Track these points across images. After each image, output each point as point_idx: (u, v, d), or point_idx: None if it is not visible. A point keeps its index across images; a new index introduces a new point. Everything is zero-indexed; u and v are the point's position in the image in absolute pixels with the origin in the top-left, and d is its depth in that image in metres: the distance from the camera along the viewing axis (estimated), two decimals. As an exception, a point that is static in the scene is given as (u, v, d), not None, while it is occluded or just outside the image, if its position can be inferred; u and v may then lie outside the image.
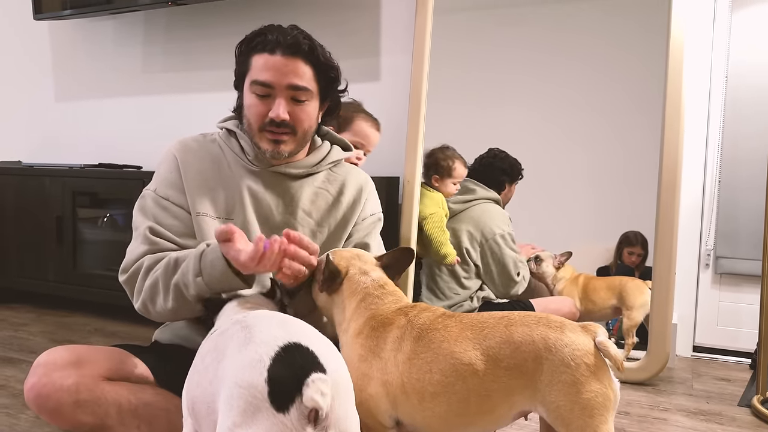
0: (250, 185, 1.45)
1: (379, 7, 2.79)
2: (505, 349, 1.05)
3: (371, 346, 1.14)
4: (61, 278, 3.02)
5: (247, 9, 3.03)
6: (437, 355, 1.08)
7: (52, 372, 1.21)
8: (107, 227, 2.99)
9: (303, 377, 0.83)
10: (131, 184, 2.80)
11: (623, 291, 2.41)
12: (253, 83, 1.41)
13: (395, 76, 2.73)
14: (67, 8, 3.26)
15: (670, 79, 2.21)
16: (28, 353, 2.36)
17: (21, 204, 3.12)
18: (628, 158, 2.47)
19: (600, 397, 1.03)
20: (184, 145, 1.49)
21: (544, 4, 2.59)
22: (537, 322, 1.07)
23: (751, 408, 1.97)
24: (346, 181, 1.53)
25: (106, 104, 3.49)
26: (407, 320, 1.15)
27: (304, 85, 1.40)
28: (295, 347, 0.87)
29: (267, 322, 0.95)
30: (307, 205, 1.48)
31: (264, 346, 0.87)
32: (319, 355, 0.88)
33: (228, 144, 1.49)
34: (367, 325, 1.16)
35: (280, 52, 1.39)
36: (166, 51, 3.30)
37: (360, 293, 1.21)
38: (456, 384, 1.06)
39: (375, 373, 1.12)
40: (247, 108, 1.44)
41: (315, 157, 1.52)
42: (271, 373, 0.83)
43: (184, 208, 1.42)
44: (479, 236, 2.39)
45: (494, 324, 1.09)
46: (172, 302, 1.31)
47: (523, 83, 2.62)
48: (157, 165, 1.50)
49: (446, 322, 1.13)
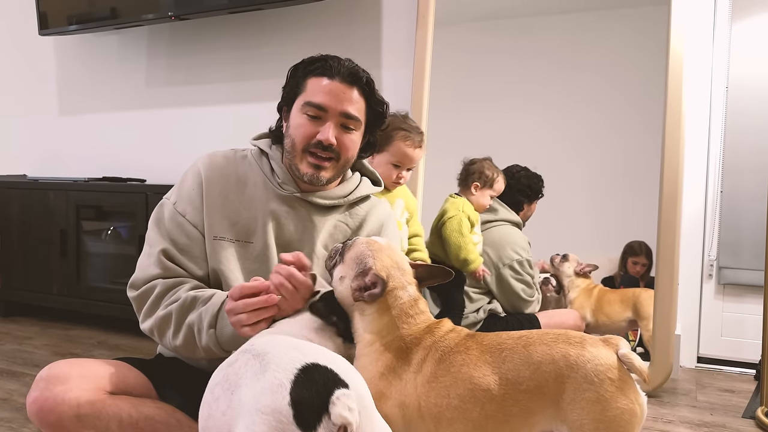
0: (275, 209, 1.43)
1: (380, 20, 2.81)
2: (525, 371, 1.02)
3: (395, 366, 1.10)
4: (65, 291, 3.03)
5: (249, 23, 3.05)
6: (456, 379, 1.05)
7: (53, 386, 1.21)
8: (111, 240, 3.00)
9: (327, 396, 0.83)
10: (135, 198, 2.82)
11: (637, 302, 2.39)
12: (306, 104, 1.40)
13: (397, 89, 2.75)
14: (72, 24, 3.29)
15: (671, 90, 2.21)
16: (31, 367, 2.36)
17: (26, 217, 3.14)
18: (629, 168, 2.48)
19: (626, 414, 0.99)
20: (212, 160, 1.46)
21: (544, 16, 2.61)
22: (556, 340, 1.04)
23: (755, 419, 1.96)
24: (368, 216, 1.52)
25: (110, 118, 3.51)
26: (433, 341, 1.11)
27: (356, 115, 1.41)
28: (313, 367, 0.87)
29: (279, 347, 0.93)
30: (325, 237, 1.46)
31: (282, 371, 0.86)
32: (338, 372, 0.87)
33: (259, 164, 1.47)
34: (394, 345, 1.12)
35: (339, 78, 1.40)
36: (169, 65, 3.32)
37: (395, 309, 1.15)
38: (473, 410, 1.03)
39: (393, 393, 1.09)
40: (296, 128, 1.41)
41: (344, 189, 1.50)
42: (293, 395, 0.83)
43: (198, 229, 1.40)
44: (496, 259, 2.35)
45: (513, 345, 1.06)
46: (182, 340, 1.31)
47: (525, 94, 2.63)
48: (183, 175, 1.47)
49: (468, 344, 1.10)
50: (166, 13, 2.98)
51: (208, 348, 1.29)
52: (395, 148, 1.95)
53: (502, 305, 2.37)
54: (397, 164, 1.96)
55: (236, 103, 3.10)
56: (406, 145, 1.95)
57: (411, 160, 1.97)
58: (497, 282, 2.34)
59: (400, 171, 1.97)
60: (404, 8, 2.75)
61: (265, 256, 1.41)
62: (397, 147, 1.95)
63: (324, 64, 1.41)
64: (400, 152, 1.95)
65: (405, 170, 1.98)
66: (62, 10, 3.32)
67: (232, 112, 3.12)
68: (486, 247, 2.34)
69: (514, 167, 2.48)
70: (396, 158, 1.95)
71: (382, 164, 1.95)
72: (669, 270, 2.18)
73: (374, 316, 1.16)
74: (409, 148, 1.95)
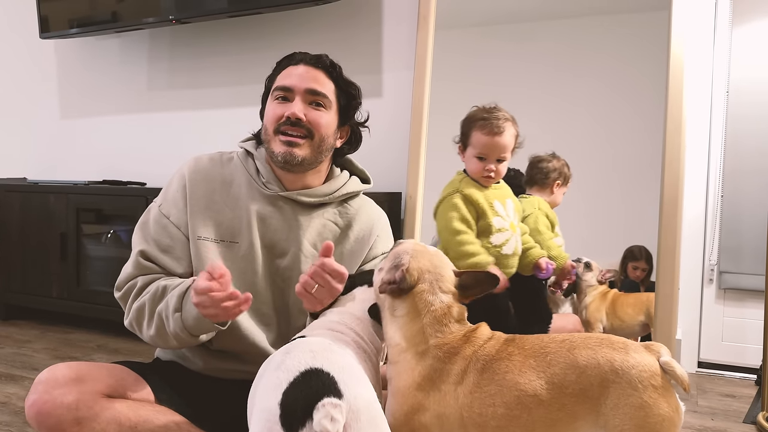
0: (260, 209, 1.44)
1: (381, 24, 2.81)
2: (571, 375, 1.02)
3: (432, 376, 1.08)
4: (64, 295, 3.03)
5: (250, 27, 3.06)
6: (501, 387, 1.04)
7: (52, 389, 1.21)
8: (111, 244, 3.00)
9: (314, 401, 0.84)
10: (135, 201, 2.82)
11: (650, 306, 2.38)
12: (274, 90, 1.44)
13: (397, 92, 2.75)
14: (73, 27, 3.30)
15: (671, 95, 2.21)
16: (30, 370, 2.36)
17: (26, 221, 3.14)
18: (630, 173, 2.47)
19: (666, 422, 0.99)
20: (197, 163, 1.49)
21: (545, 21, 2.61)
22: (600, 344, 1.04)
23: (756, 425, 1.95)
24: (357, 215, 1.51)
25: (111, 121, 3.52)
26: (473, 351, 1.09)
27: (323, 92, 1.43)
28: (314, 372, 0.88)
29: (302, 348, 0.95)
30: (313, 236, 1.46)
31: (286, 372, 0.89)
32: (339, 381, 0.87)
33: (245, 164, 1.49)
34: (431, 354, 1.10)
35: (303, 63, 1.44)
36: (170, 69, 3.33)
37: (426, 315, 1.13)
38: (521, 417, 1.02)
39: (431, 404, 1.07)
40: (266, 115, 1.46)
41: (330, 186, 1.49)
42: (284, 397, 0.85)
43: (182, 230, 1.43)
44: None
45: (557, 349, 1.05)
46: (154, 330, 1.33)
47: (525, 98, 2.63)
48: (169, 179, 1.50)
49: (509, 350, 1.08)
50: (167, 16, 2.99)
51: (176, 334, 1.30)
52: (474, 138, 1.88)
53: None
54: (481, 156, 1.88)
55: (237, 106, 3.10)
56: (483, 133, 1.86)
57: (493, 150, 1.87)
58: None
59: (487, 163, 1.88)
60: (405, 11, 2.75)
61: (251, 256, 1.42)
62: (476, 137, 1.87)
63: (291, 57, 1.48)
64: (479, 142, 1.86)
65: (493, 163, 1.88)
66: (63, 14, 3.32)
67: (233, 116, 3.12)
68: None
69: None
70: (477, 150, 1.88)
71: (469, 159, 1.90)
72: (670, 274, 2.18)
73: (405, 320, 1.14)
74: (486, 137, 1.86)
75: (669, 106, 2.21)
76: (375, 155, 2.60)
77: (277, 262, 1.45)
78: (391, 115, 2.73)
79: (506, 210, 1.94)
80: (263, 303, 1.45)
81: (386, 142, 2.70)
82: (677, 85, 2.21)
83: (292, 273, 1.44)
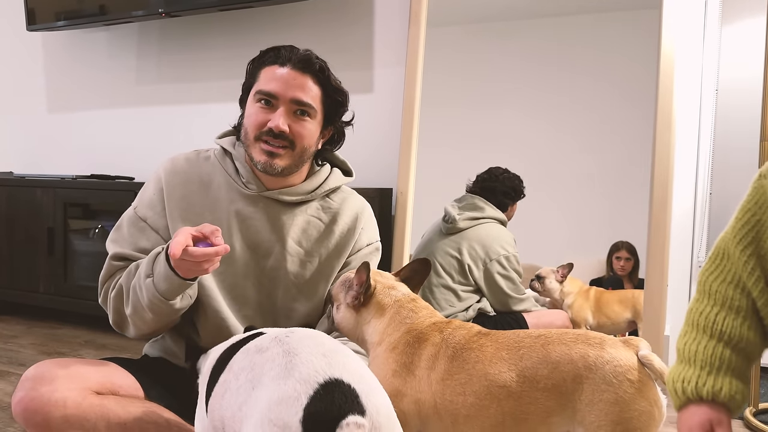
0: (240, 210, 1.42)
1: (372, 19, 2.80)
2: (543, 369, 1.02)
3: (406, 362, 1.11)
4: (51, 290, 3.00)
5: (240, 21, 3.04)
6: (471, 376, 1.05)
7: (39, 386, 1.20)
8: (99, 239, 2.97)
9: (339, 418, 0.79)
10: (123, 196, 2.79)
11: (636, 303, 2.39)
12: (257, 93, 1.39)
13: (388, 88, 2.74)
14: (60, 20, 3.26)
15: (661, 92, 2.22)
16: (17, 366, 2.34)
17: (12, 215, 3.10)
18: (619, 170, 2.48)
19: (644, 416, 0.99)
20: (173, 164, 1.46)
21: (536, 18, 2.61)
22: (575, 340, 1.04)
23: (743, 420, 1.97)
24: (341, 209, 1.49)
25: (99, 115, 3.48)
26: (442, 338, 1.11)
27: (309, 102, 1.38)
28: (335, 384, 0.83)
29: (310, 350, 0.88)
30: (297, 233, 1.44)
31: (303, 384, 0.82)
32: (360, 394, 0.83)
33: (222, 164, 1.46)
34: (402, 340, 1.13)
35: (290, 65, 1.38)
36: (159, 62, 3.30)
37: (393, 307, 1.19)
38: (491, 407, 1.03)
39: (408, 390, 1.09)
40: (247, 117, 1.41)
41: (311, 183, 1.47)
42: (306, 412, 0.80)
43: (160, 233, 1.40)
44: (483, 255, 2.37)
45: (531, 343, 1.06)
46: (131, 308, 1.32)
47: (516, 95, 2.63)
48: (146, 182, 1.48)
49: (481, 341, 1.09)
50: (156, 9, 2.96)
51: (151, 303, 1.28)
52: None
53: (491, 303, 2.37)
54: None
55: (226, 101, 3.08)
56: None
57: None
58: (485, 278, 2.35)
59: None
60: (396, 7, 2.74)
61: (230, 258, 1.39)
62: None
63: (276, 53, 1.40)
64: None
65: None
66: (50, 6, 3.28)
67: (223, 110, 3.09)
68: (473, 243, 2.36)
69: (497, 169, 2.49)
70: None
71: None
72: (659, 271, 2.19)
73: (375, 317, 1.19)
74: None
75: (659, 104, 2.22)
76: (366, 151, 2.60)
77: (262, 263, 1.43)
78: (382, 111, 2.73)
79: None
80: (246, 305, 1.44)
81: (377, 138, 2.69)
82: (667, 82, 2.22)
83: (278, 273, 1.43)
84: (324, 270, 1.46)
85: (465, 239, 2.39)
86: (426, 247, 2.47)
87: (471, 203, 2.43)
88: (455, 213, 2.39)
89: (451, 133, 2.69)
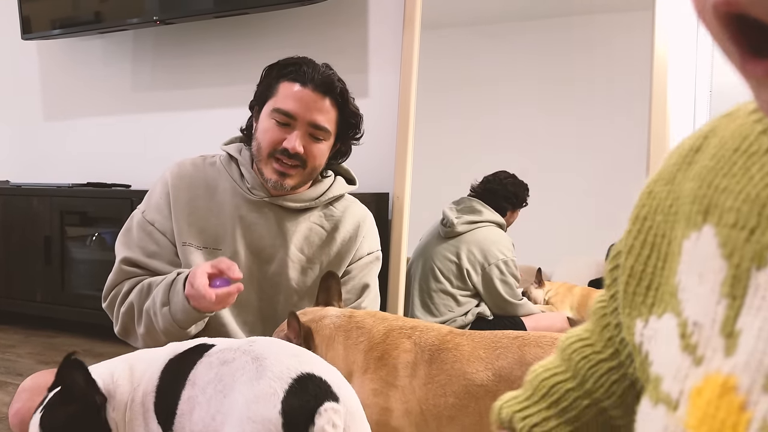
0: (244, 215, 1.43)
1: (366, 24, 2.81)
2: (518, 371, 1.02)
3: (383, 376, 1.09)
4: (49, 299, 3.00)
5: (235, 27, 3.04)
6: (450, 377, 1.05)
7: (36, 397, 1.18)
8: (96, 247, 2.97)
9: (316, 407, 0.84)
10: (120, 203, 2.79)
11: None
12: (275, 110, 1.38)
13: (383, 92, 2.74)
14: (55, 28, 3.26)
15: (655, 94, 2.23)
16: (15, 376, 2.33)
17: (9, 224, 3.10)
18: (615, 172, 2.49)
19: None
20: (180, 168, 1.47)
21: (530, 21, 2.62)
22: (551, 344, 1.04)
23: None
24: (343, 217, 1.50)
25: (95, 123, 3.48)
26: (413, 342, 1.10)
27: (326, 126, 1.39)
28: (308, 377, 0.88)
29: (277, 352, 0.92)
30: (299, 240, 1.45)
31: (277, 380, 0.87)
32: (332, 384, 0.88)
33: (228, 170, 1.47)
34: (370, 359, 1.11)
35: (312, 86, 1.37)
36: (155, 69, 3.30)
37: (338, 334, 1.16)
38: (470, 406, 1.03)
39: (394, 404, 1.08)
40: (262, 132, 1.40)
41: (315, 191, 1.48)
42: (284, 405, 0.84)
43: (167, 236, 1.41)
44: (482, 259, 2.36)
45: (508, 344, 1.06)
46: (144, 328, 1.33)
47: (511, 98, 2.64)
48: (153, 185, 1.49)
49: (457, 341, 1.09)
50: (151, 17, 2.96)
51: (166, 329, 1.29)
52: None
53: (489, 308, 2.37)
54: None
55: (222, 107, 3.08)
56: None
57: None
58: (483, 282, 2.35)
59: None
60: (391, 12, 2.75)
61: (236, 262, 1.40)
62: None
63: (298, 69, 1.38)
64: None
65: None
66: (45, 15, 3.28)
67: (219, 117, 3.10)
68: (472, 247, 2.35)
69: (502, 173, 2.49)
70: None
71: None
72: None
73: (329, 352, 1.15)
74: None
75: (653, 106, 2.22)
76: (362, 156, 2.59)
77: (264, 269, 1.44)
78: (377, 115, 2.72)
79: None
80: (247, 310, 1.44)
81: (373, 142, 2.66)
82: (661, 84, 2.23)
83: (280, 279, 1.44)
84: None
85: (464, 243, 2.39)
86: (424, 251, 2.47)
87: (469, 206, 2.42)
88: (453, 217, 2.39)
89: (448, 137, 2.69)
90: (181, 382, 0.97)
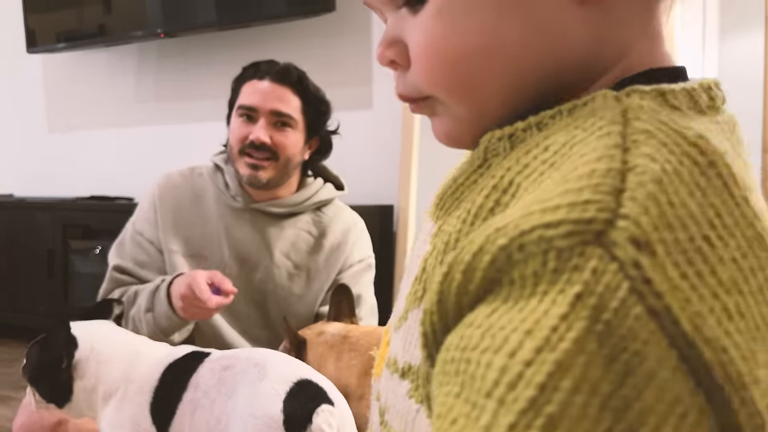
0: (229, 223, 1.44)
1: (370, 35, 2.81)
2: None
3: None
4: (52, 312, 2.99)
5: (238, 40, 3.05)
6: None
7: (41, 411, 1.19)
8: (99, 260, 2.96)
9: (314, 407, 0.90)
10: (123, 217, 2.76)
11: None
12: (239, 108, 1.43)
13: (387, 104, 2.74)
14: (60, 41, 3.27)
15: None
16: (19, 390, 2.31)
17: (12, 237, 3.09)
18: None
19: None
20: (167, 179, 1.50)
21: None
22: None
23: None
24: (332, 223, 1.49)
25: (100, 136, 3.49)
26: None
27: (288, 113, 1.40)
28: (306, 383, 0.95)
29: (278, 360, 1.01)
30: (285, 246, 1.45)
31: (279, 383, 0.93)
32: (327, 391, 0.95)
33: (213, 179, 1.49)
34: (365, 384, 1.08)
35: (268, 78, 1.41)
36: (158, 82, 3.31)
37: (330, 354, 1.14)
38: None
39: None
40: (231, 132, 1.45)
41: (300, 195, 1.48)
42: (286, 404, 0.91)
43: (155, 245, 1.44)
44: None
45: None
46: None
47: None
48: (142, 196, 1.51)
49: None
50: (155, 30, 2.97)
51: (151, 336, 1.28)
52: None
53: None
54: None
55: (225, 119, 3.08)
56: None
57: None
58: None
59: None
60: (394, 25, 2.75)
61: (222, 270, 1.41)
62: None
63: (256, 68, 1.45)
64: None
65: None
66: (50, 28, 3.30)
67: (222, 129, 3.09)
68: None
69: None
70: None
71: None
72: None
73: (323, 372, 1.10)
74: None
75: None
76: (366, 168, 2.60)
77: (251, 276, 1.45)
78: (381, 126, 2.72)
79: None
80: (238, 318, 1.45)
81: (377, 154, 2.69)
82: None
83: (266, 286, 1.45)
84: (315, 286, 1.47)
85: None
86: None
87: None
88: None
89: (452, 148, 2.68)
90: (182, 384, 1.00)
